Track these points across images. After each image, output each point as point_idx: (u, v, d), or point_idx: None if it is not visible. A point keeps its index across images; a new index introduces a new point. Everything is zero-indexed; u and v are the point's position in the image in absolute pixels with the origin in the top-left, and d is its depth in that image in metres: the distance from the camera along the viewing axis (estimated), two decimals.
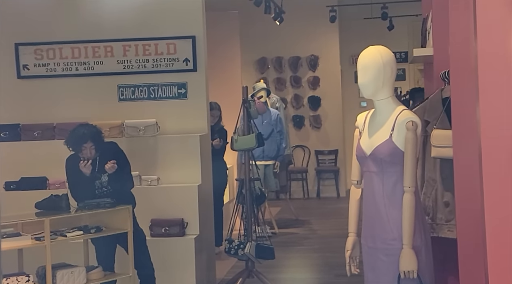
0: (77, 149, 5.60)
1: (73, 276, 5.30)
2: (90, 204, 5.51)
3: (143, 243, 5.86)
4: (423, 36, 5.34)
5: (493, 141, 2.99)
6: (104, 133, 5.92)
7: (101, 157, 5.66)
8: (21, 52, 7.03)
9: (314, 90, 13.68)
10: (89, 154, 5.58)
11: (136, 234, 5.74)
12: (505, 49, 2.98)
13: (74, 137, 5.61)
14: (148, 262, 5.88)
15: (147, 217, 6.51)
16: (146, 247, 5.89)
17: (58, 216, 5.34)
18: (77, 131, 5.61)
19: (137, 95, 7.02)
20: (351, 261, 4.17)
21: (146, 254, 5.87)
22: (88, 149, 5.58)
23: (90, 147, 5.58)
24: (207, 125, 7.08)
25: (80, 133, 5.59)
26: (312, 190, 13.63)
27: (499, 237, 2.98)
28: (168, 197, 6.63)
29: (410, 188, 3.83)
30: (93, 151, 5.60)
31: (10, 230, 5.15)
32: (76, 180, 5.64)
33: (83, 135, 5.58)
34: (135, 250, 5.66)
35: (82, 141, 5.57)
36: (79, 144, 5.58)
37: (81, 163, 5.53)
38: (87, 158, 5.57)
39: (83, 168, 5.54)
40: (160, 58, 7.00)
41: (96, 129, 5.69)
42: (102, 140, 5.72)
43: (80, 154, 5.59)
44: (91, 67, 7.04)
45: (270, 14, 11.58)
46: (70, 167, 5.72)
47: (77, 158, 5.64)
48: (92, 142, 5.59)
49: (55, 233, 5.23)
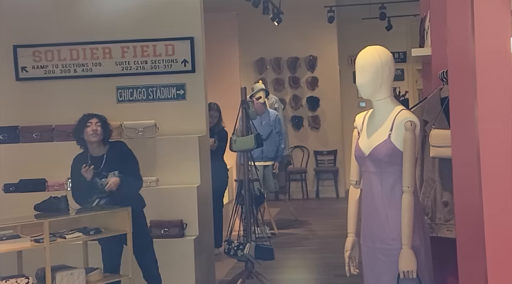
0: (82, 125, 5.61)
1: (72, 277, 5.29)
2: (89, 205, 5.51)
3: (150, 244, 5.85)
4: (421, 36, 5.34)
5: (491, 140, 3.00)
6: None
7: (108, 155, 5.66)
8: (20, 54, 7.03)
9: (312, 91, 13.69)
10: (94, 128, 5.59)
11: (144, 235, 5.75)
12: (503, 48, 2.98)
13: (80, 117, 5.71)
14: (155, 263, 5.85)
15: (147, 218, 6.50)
16: (153, 248, 5.87)
17: (57, 218, 5.34)
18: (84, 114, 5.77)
19: (136, 97, 7.02)
20: (351, 261, 4.17)
21: (153, 255, 5.85)
22: (94, 124, 5.61)
23: (96, 123, 5.62)
24: (206, 126, 7.08)
25: (86, 113, 5.74)
26: (311, 191, 13.63)
27: (498, 237, 2.98)
28: (167, 198, 6.62)
29: (409, 188, 3.83)
30: (99, 128, 5.61)
31: (9, 232, 5.14)
32: (79, 180, 5.61)
33: (89, 114, 5.71)
34: (143, 251, 5.67)
35: (88, 117, 5.66)
36: (85, 119, 5.64)
37: (83, 167, 5.51)
38: (93, 133, 5.57)
39: (85, 173, 5.52)
40: (158, 59, 7.00)
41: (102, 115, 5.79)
42: (108, 124, 5.74)
43: (85, 131, 5.59)
44: (89, 69, 7.04)
45: (268, 15, 11.59)
46: (75, 167, 5.68)
47: (84, 158, 5.63)
48: (97, 119, 5.65)
49: (54, 235, 5.23)
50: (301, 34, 13.49)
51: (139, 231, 5.68)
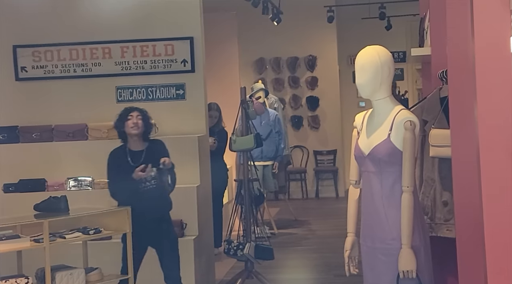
0: (123, 118, 5.60)
1: (72, 277, 5.29)
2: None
3: (176, 247, 5.78)
4: (420, 36, 5.34)
5: (491, 140, 3.00)
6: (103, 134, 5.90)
7: (148, 151, 5.62)
8: (19, 54, 7.04)
9: (312, 91, 13.69)
10: (135, 121, 5.56)
11: (170, 236, 5.73)
12: (502, 48, 2.98)
13: (122, 110, 5.69)
14: (178, 265, 5.79)
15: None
16: (177, 250, 5.81)
17: (57, 218, 5.33)
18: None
19: (135, 97, 7.02)
20: (350, 261, 4.17)
21: (178, 258, 5.79)
22: (135, 117, 5.58)
23: (137, 116, 5.59)
24: (205, 126, 7.08)
25: (128, 106, 5.74)
26: (311, 191, 13.63)
27: (498, 236, 2.98)
28: None
29: (409, 188, 3.83)
30: (140, 121, 5.58)
31: (9, 232, 5.14)
32: (119, 175, 5.54)
33: (131, 107, 5.72)
34: (169, 251, 5.67)
35: (129, 110, 5.64)
36: (126, 112, 5.62)
37: (137, 169, 5.42)
38: (134, 126, 5.55)
39: (137, 173, 5.43)
40: (158, 59, 7.00)
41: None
42: (149, 118, 5.71)
43: (126, 124, 5.57)
44: (89, 69, 7.04)
45: (268, 15, 11.59)
46: (113, 161, 5.64)
47: (122, 152, 5.61)
48: (139, 112, 5.63)
49: (54, 235, 5.23)
50: (301, 34, 13.50)
51: (166, 232, 5.68)
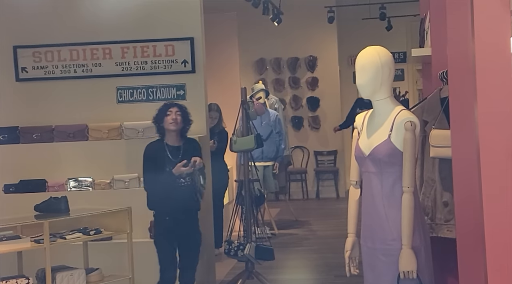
0: (163, 113, 5.62)
1: (72, 278, 5.30)
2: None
3: (198, 248, 5.78)
4: (421, 36, 5.34)
5: (491, 140, 3.00)
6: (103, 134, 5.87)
7: (185, 147, 5.64)
8: (20, 55, 7.03)
9: (312, 91, 13.69)
10: (174, 117, 5.58)
11: (195, 237, 5.74)
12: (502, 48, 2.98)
13: (161, 106, 5.71)
14: (195, 266, 5.78)
15: (146, 218, 6.50)
16: (199, 251, 5.79)
17: (58, 218, 5.34)
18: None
19: (136, 97, 7.02)
20: (351, 261, 4.17)
21: (197, 258, 5.78)
22: (174, 113, 5.60)
23: (176, 112, 5.61)
24: (205, 127, 7.07)
25: (167, 102, 5.78)
26: (312, 191, 13.63)
27: (498, 237, 2.98)
28: None
29: (409, 188, 3.82)
30: (179, 117, 5.60)
31: (10, 233, 5.15)
32: (157, 168, 5.54)
33: (170, 102, 5.76)
34: (191, 252, 5.67)
35: (169, 105, 5.67)
36: (165, 108, 5.64)
37: (179, 164, 5.45)
38: (173, 122, 5.56)
39: (179, 168, 5.44)
40: (158, 59, 7.00)
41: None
42: (188, 114, 5.72)
43: (165, 119, 5.58)
44: (89, 69, 7.04)
45: (268, 15, 11.59)
46: (151, 154, 5.63)
47: (161, 146, 5.61)
48: (178, 108, 5.64)
49: (54, 236, 5.23)
50: (301, 35, 13.50)
51: (192, 232, 5.69)
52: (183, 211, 5.62)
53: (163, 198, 5.54)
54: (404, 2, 12.59)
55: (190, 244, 5.69)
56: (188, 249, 5.69)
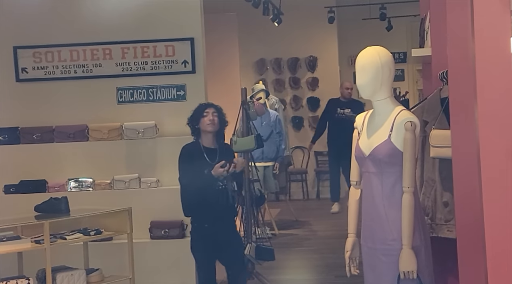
0: (199, 114, 5.48)
1: (73, 278, 5.30)
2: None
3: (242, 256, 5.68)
4: (421, 37, 5.34)
5: (491, 140, 3.00)
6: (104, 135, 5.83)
7: (221, 149, 5.52)
8: (20, 55, 7.04)
9: (313, 91, 13.69)
10: (211, 118, 5.44)
11: (239, 244, 5.64)
12: (502, 48, 2.98)
13: (197, 106, 5.57)
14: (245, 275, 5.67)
15: (147, 219, 6.51)
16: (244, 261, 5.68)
17: (58, 219, 5.34)
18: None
19: (136, 97, 7.02)
20: (351, 262, 4.17)
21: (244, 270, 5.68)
22: (211, 114, 5.46)
23: (213, 112, 5.47)
24: None
25: (203, 102, 5.65)
26: (312, 191, 13.62)
27: (498, 237, 2.98)
28: (168, 199, 6.61)
29: (409, 189, 3.82)
30: (216, 119, 5.46)
31: (10, 233, 5.15)
32: (195, 171, 5.33)
33: (206, 103, 5.64)
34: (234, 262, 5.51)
35: (205, 106, 5.54)
36: (201, 108, 5.51)
37: (217, 165, 5.25)
38: (210, 123, 5.42)
39: (217, 170, 5.24)
40: (158, 60, 7.00)
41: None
42: (224, 115, 5.61)
43: (201, 120, 5.45)
44: (89, 70, 7.05)
45: (268, 16, 11.59)
46: (188, 156, 5.45)
47: (197, 148, 5.46)
48: (214, 109, 5.52)
49: (54, 236, 5.23)
50: (301, 35, 13.49)
51: (234, 239, 5.55)
52: (223, 216, 5.41)
53: (201, 203, 5.31)
54: (404, 2, 12.59)
55: (234, 253, 5.49)
56: (234, 258, 5.50)
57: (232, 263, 5.50)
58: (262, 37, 13.32)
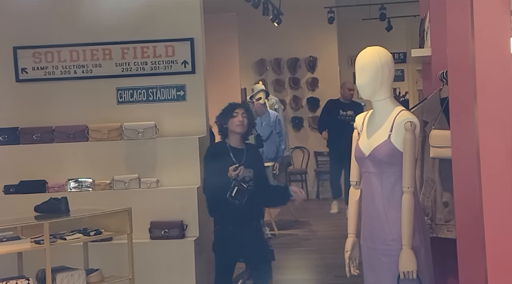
0: (228, 114, 5.41)
1: (73, 279, 5.30)
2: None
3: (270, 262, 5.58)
4: (421, 37, 5.34)
5: (491, 141, 3.00)
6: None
7: (248, 150, 5.47)
8: (20, 56, 7.04)
9: (313, 91, 13.69)
10: (241, 119, 5.38)
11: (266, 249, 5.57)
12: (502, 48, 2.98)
13: (226, 106, 5.50)
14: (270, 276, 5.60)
15: (147, 219, 6.51)
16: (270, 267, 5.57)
17: (58, 219, 5.34)
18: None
19: (136, 98, 7.02)
20: (351, 262, 4.17)
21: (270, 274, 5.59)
22: (240, 115, 5.39)
23: (242, 113, 5.41)
24: (206, 127, 7.08)
25: (232, 102, 5.57)
26: (312, 191, 13.62)
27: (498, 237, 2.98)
28: (168, 199, 6.62)
29: (409, 189, 3.83)
30: (245, 120, 5.39)
31: (10, 234, 5.14)
32: (218, 173, 5.28)
33: (235, 103, 5.57)
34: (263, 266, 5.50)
35: (235, 106, 5.47)
36: (231, 108, 5.44)
37: (231, 168, 5.21)
38: (239, 124, 5.36)
39: (230, 172, 5.20)
40: (158, 60, 7.00)
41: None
42: (253, 116, 5.57)
43: (230, 121, 5.38)
44: (89, 70, 7.04)
45: (268, 16, 11.60)
46: (214, 156, 5.40)
47: (224, 148, 5.41)
48: (244, 110, 5.45)
49: (54, 236, 5.23)
50: (301, 35, 13.49)
51: (260, 243, 5.50)
52: (246, 217, 5.37)
53: (226, 204, 5.27)
54: (404, 3, 12.59)
55: (260, 258, 5.44)
56: (259, 263, 5.45)
57: (257, 265, 5.49)
58: (262, 37, 13.32)
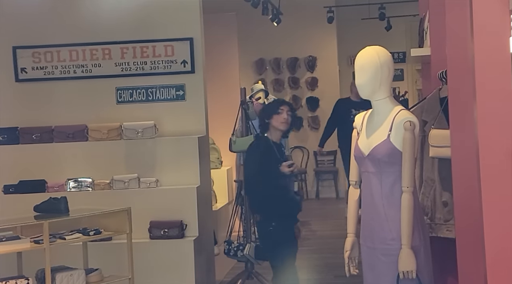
0: (273, 110, 5.47)
1: (72, 278, 5.30)
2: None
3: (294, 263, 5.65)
4: (420, 36, 5.33)
5: (490, 140, 3.00)
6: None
7: (283, 146, 5.58)
8: (19, 55, 7.03)
9: (312, 91, 13.69)
10: (285, 117, 5.44)
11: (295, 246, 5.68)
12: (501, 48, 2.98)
13: (272, 102, 5.62)
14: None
15: (146, 219, 6.51)
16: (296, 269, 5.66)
17: (57, 219, 5.34)
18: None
19: (135, 98, 7.02)
20: (350, 261, 4.17)
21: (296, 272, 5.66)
22: (285, 112, 5.45)
23: (287, 111, 5.47)
24: (205, 127, 7.08)
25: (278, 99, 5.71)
26: (311, 191, 13.63)
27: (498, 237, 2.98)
28: (167, 199, 6.62)
29: (409, 188, 3.83)
30: (289, 118, 5.47)
31: (9, 233, 5.14)
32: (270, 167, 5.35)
33: (281, 100, 5.67)
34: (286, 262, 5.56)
35: (280, 103, 5.55)
36: (276, 105, 5.51)
37: (284, 164, 5.32)
38: (284, 122, 5.43)
39: (284, 168, 5.33)
40: (158, 60, 7.00)
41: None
42: (296, 115, 5.63)
43: (274, 117, 5.43)
44: (89, 70, 7.04)
45: (267, 16, 11.59)
46: (261, 151, 5.45)
47: (268, 143, 5.46)
48: (289, 107, 5.51)
49: (54, 236, 5.23)
50: (301, 35, 13.50)
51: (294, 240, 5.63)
52: (293, 213, 5.56)
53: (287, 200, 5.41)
54: (403, 2, 12.59)
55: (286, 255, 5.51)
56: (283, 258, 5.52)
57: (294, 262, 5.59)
58: (262, 37, 13.33)
